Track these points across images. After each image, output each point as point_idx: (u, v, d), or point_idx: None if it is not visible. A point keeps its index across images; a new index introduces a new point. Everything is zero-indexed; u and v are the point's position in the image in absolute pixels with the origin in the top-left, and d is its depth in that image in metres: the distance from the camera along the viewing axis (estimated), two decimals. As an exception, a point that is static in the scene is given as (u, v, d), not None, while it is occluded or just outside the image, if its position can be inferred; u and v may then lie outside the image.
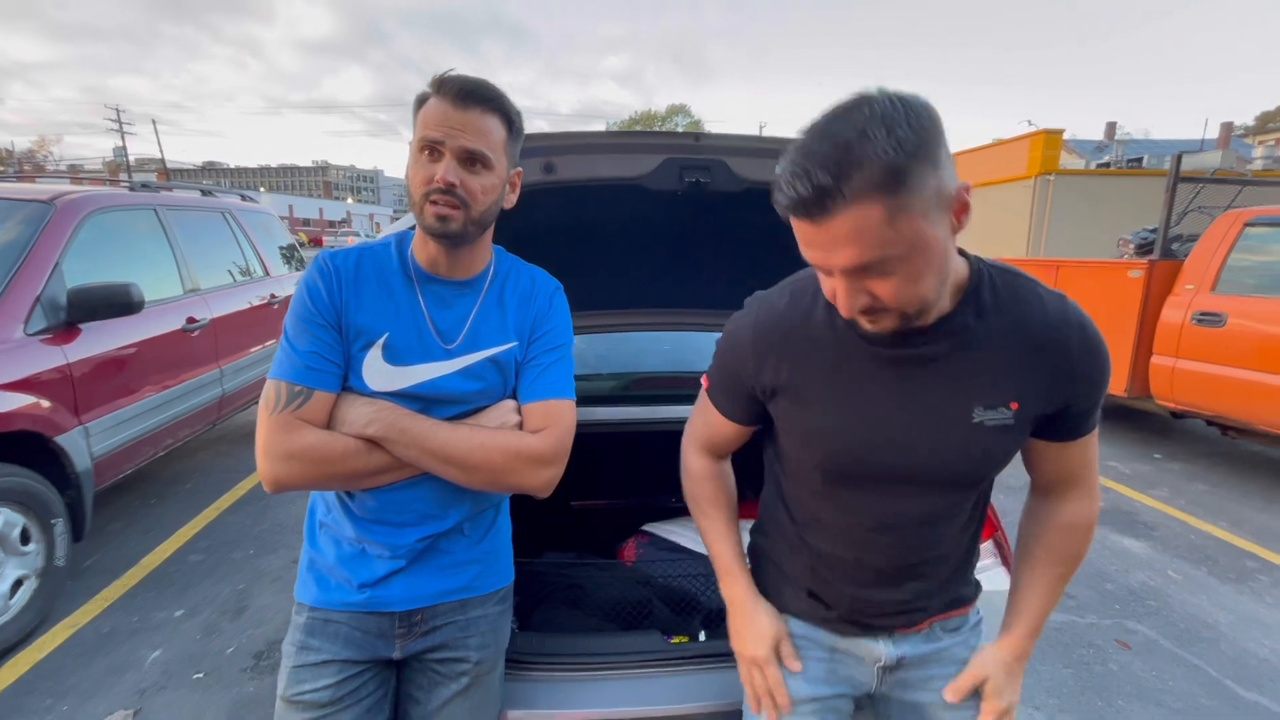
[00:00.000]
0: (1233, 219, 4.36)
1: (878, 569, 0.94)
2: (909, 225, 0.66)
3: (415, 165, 0.96)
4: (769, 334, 0.92)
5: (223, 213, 4.45)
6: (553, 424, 1.06)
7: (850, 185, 0.63)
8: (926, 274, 0.70)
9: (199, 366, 3.60)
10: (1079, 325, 0.83)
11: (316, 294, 1.00)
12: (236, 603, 2.72)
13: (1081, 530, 0.96)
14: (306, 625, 1.06)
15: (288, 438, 0.93)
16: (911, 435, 0.85)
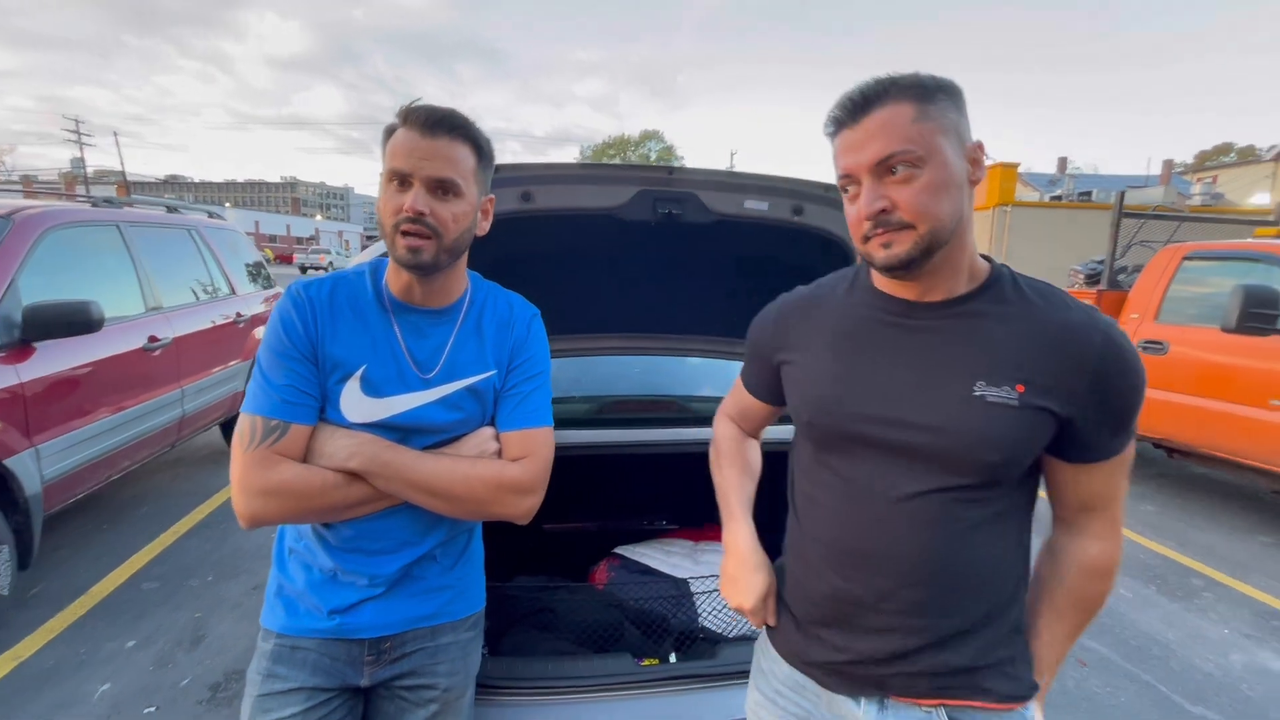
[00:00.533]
0: (1172, 253, 4.63)
1: (878, 566, 0.85)
2: (932, 133, 0.76)
3: (385, 196, 0.96)
4: (792, 308, 1.01)
5: (188, 230, 4.37)
6: (533, 453, 1.06)
7: (888, 93, 0.77)
8: (941, 194, 0.77)
9: (159, 386, 3.50)
10: (1105, 330, 0.79)
11: (291, 326, 0.99)
12: (193, 632, 2.63)
13: (1100, 574, 0.87)
14: (274, 652, 1.04)
15: (264, 473, 0.93)
16: (906, 397, 0.83)
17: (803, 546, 0.95)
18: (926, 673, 0.85)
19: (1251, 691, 2.47)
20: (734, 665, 1.34)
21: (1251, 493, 4.75)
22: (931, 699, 0.85)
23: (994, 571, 0.85)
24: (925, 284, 0.84)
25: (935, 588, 0.83)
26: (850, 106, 0.79)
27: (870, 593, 0.86)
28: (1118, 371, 0.78)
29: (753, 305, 1.89)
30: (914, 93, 0.76)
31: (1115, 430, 0.81)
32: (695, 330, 2.00)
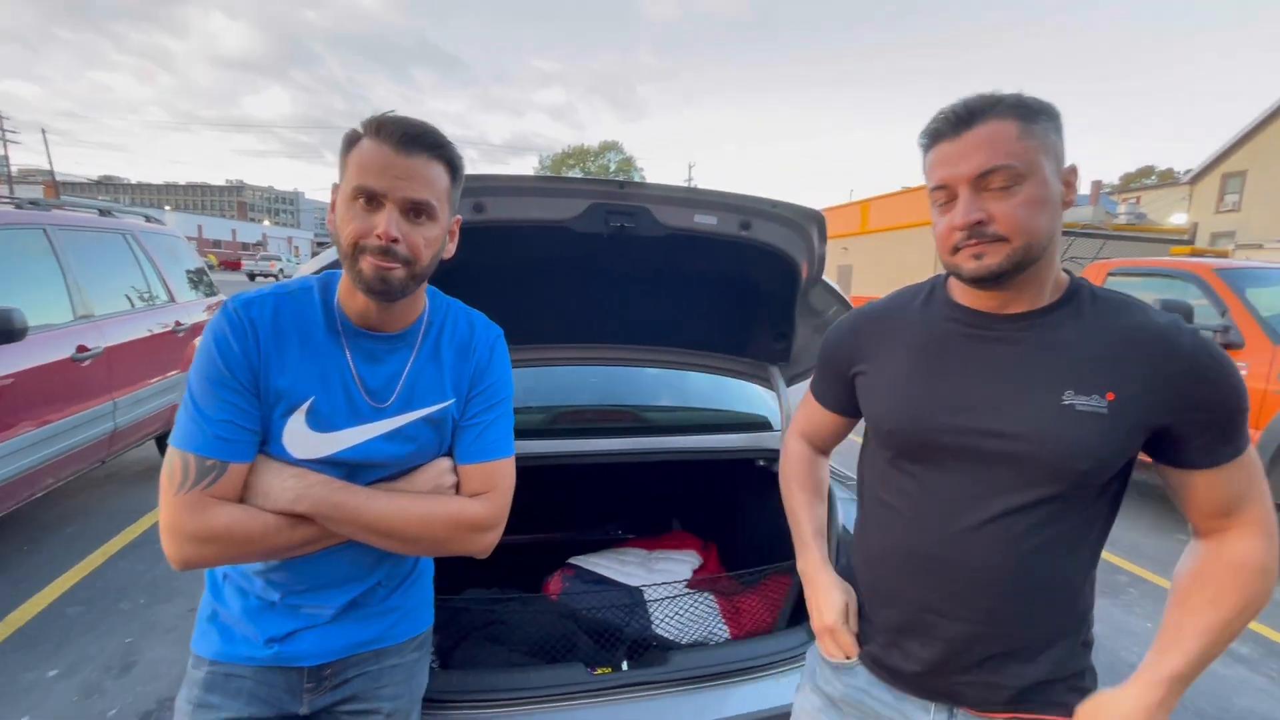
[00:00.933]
0: (1098, 269, 4.94)
1: (959, 576, 0.85)
2: (1034, 150, 0.78)
3: (348, 213, 0.87)
4: (869, 318, 1.01)
5: (123, 234, 4.17)
6: (494, 486, 1.01)
7: (993, 108, 0.79)
8: (1038, 210, 0.78)
9: (89, 399, 3.32)
10: (1192, 333, 0.80)
11: (229, 352, 0.89)
12: (123, 658, 2.48)
13: (1250, 570, 0.81)
14: (205, 680, 0.98)
15: (198, 518, 0.85)
16: (994, 407, 0.83)
17: (879, 553, 0.95)
18: (1002, 685, 0.85)
19: (1171, 681, 2.63)
20: (686, 671, 1.37)
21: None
22: (1004, 713, 0.86)
23: (1071, 584, 0.85)
24: (1008, 296, 0.85)
25: (1016, 599, 0.84)
26: (954, 119, 0.81)
27: (950, 602, 0.86)
28: (1210, 375, 0.78)
29: (704, 316, 1.95)
30: (1019, 111, 0.79)
31: (1222, 434, 0.80)
32: (649, 341, 2.03)
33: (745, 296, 1.82)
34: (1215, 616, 0.80)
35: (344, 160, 0.89)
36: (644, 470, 2.14)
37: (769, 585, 1.92)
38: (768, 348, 2.01)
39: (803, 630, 1.54)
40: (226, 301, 0.94)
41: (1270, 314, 3.84)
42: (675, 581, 1.87)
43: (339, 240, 0.89)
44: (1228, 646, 0.83)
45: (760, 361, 2.10)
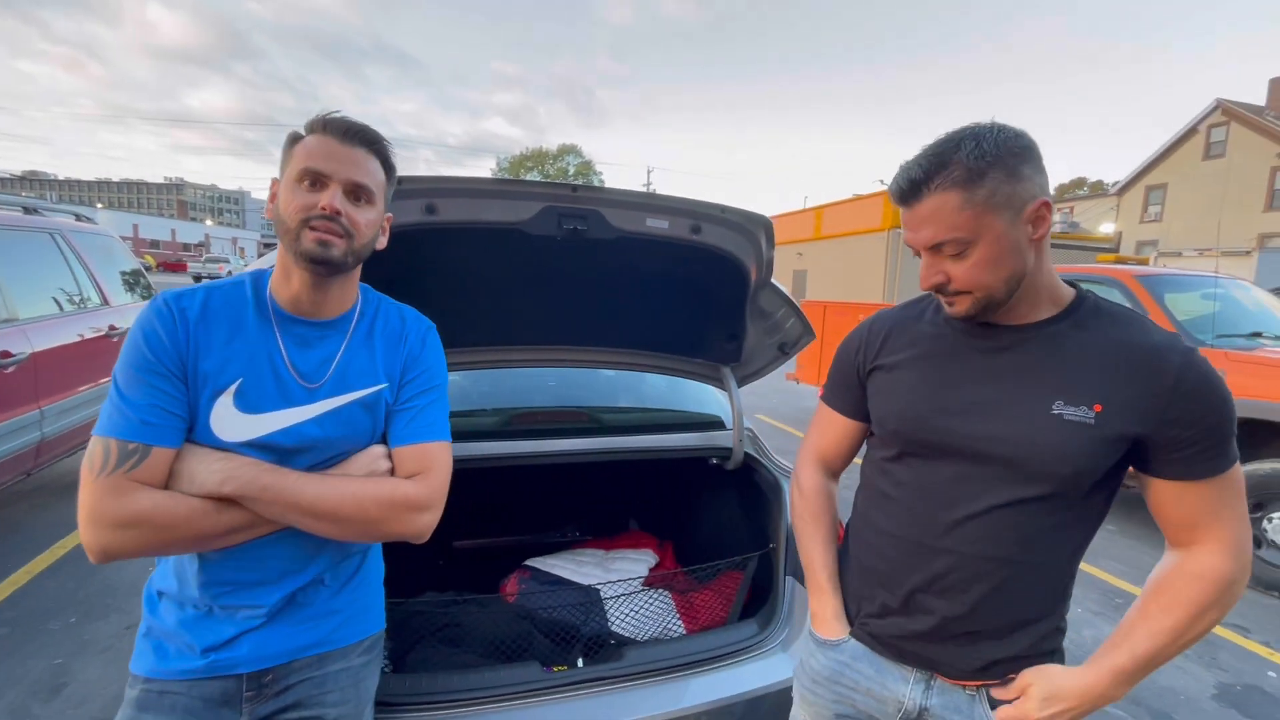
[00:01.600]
0: (1034, 274, 5.20)
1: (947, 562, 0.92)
2: (979, 215, 0.82)
3: (292, 194, 0.93)
4: (882, 324, 1.06)
5: (51, 233, 3.96)
6: (428, 468, 1.01)
7: (935, 180, 0.83)
8: (992, 265, 0.84)
9: (12, 407, 3.13)
10: (1184, 352, 0.83)
11: (154, 339, 0.91)
12: (51, 680, 2.35)
13: (1207, 582, 0.84)
14: (139, 699, 0.95)
15: (119, 502, 0.84)
16: (985, 413, 0.89)
17: (877, 540, 1.02)
18: (976, 658, 0.92)
19: (1100, 661, 2.80)
20: (640, 666, 1.39)
21: (1102, 486, 5.36)
22: (974, 680, 0.94)
23: (1052, 574, 0.92)
24: (1004, 315, 0.91)
25: (1000, 586, 0.90)
26: (901, 192, 0.87)
27: (939, 585, 0.93)
28: (1197, 393, 0.82)
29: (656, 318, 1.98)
30: (960, 179, 0.82)
31: (1201, 451, 0.83)
32: (604, 342, 2.06)
33: (697, 299, 1.87)
34: (1166, 622, 0.85)
35: (288, 154, 0.96)
36: (600, 471, 2.16)
37: (723, 580, 1.97)
38: (720, 348, 2.06)
39: (754, 623, 1.58)
40: (156, 296, 0.97)
41: (1185, 318, 4.13)
42: (631, 579, 1.90)
43: (282, 219, 0.94)
44: (1181, 651, 0.87)
45: (712, 362, 2.15)
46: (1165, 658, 0.86)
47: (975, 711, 0.94)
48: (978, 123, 0.85)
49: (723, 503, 2.22)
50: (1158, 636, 0.85)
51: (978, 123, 0.85)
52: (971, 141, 0.82)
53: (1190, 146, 24.47)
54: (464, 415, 2.10)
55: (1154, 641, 0.85)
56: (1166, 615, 0.85)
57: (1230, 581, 0.85)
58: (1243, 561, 0.85)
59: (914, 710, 0.97)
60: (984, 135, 0.82)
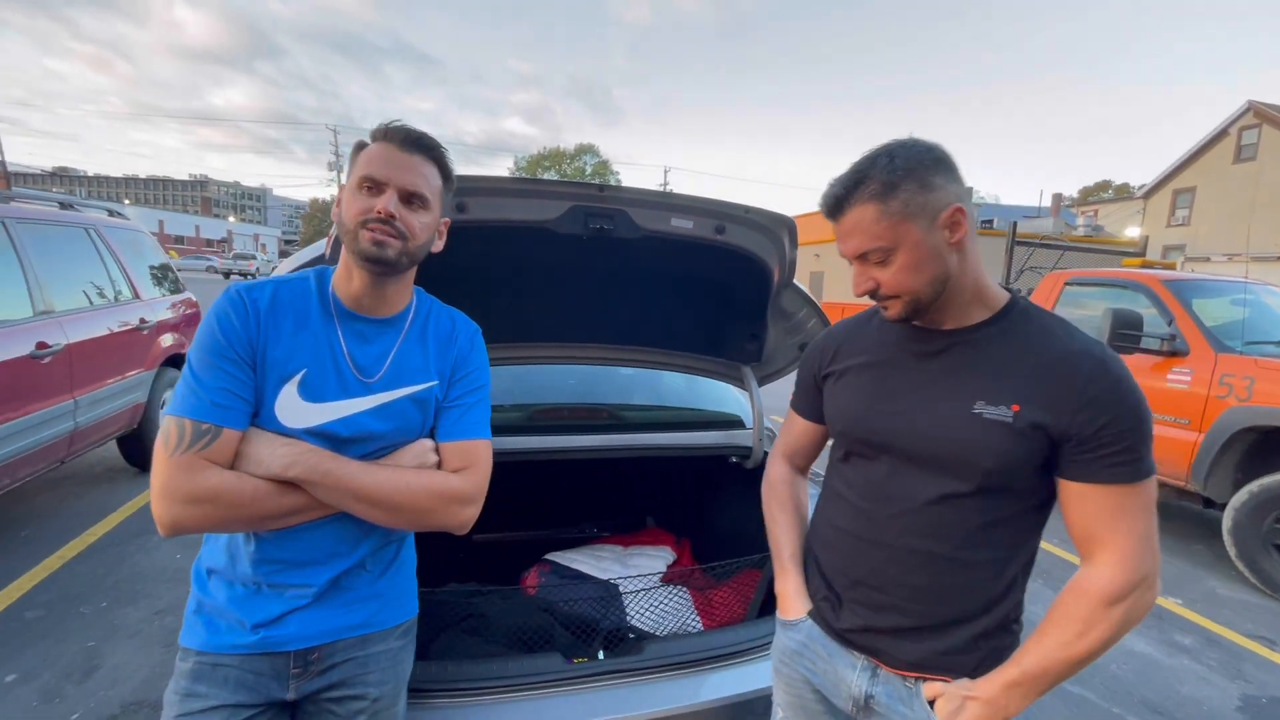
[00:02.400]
0: (1056, 278, 5.14)
1: (888, 556, 0.97)
2: (896, 224, 0.89)
3: (352, 199, 0.99)
4: (837, 334, 1.15)
5: (86, 229, 4.07)
6: (473, 464, 1.07)
7: (854, 195, 0.91)
8: (915, 269, 0.90)
9: (48, 397, 3.23)
10: (1098, 359, 0.87)
11: (229, 327, 0.97)
12: (84, 663, 2.42)
13: (1089, 597, 0.86)
14: (193, 671, 1.00)
15: (191, 479, 0.89)
16: (916, 412, 0.96)
17: (830, 534, 1.09)
18: (914, 651, 0.97)
19: (1120, 671, 2.77)
20: (660, 660, 1.41)
21: (1124, 494, 5.29)
22: (911, 671, 0.98)
23: (989, 571, 0.94)
24: (936, 318, 0.97)
25: (934, 579, 0.95)
26: (827, 209, 0.95)
27: (879, 578, 0.99)
28: (1105, 397, 0.85)
29: (679, 317, 2.00)
30: (876, 192, 0.89)
31: (1109, 456, 0.85)
32: (626, 340, 2.08)
33: (719, 298, 1.88)
34: (1054, 637, 0.88)
35: (353, 161, 1.03)
36: (619, 468, 2.18)
37: (741, 579, 1.98)
38: (741, 348, 2.07)
39: (773, 620, 1.59)
40: (229, 287, 1.02)
41: (1214, 324, 4.05)
42: (649, 574, 1.91)
43: (343, 221, 1.00)
44: (1077, 667, 0.88)
45: (733, 361, 2.16)
46: (1060, 672, 0.88)
47: (915, 704, 0.97)
48: (896, 140, 0.92)
49: (741, 501, 2.23)
50: (1047, 651, 0.88)
51: (896, 140, 0.92)
52: (885, 158, 0.89)
53: (1220, 149, 23.94)
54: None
55: (1042, 655, 0.88)
56: (1055, 630, 0.88)
57: (1115, 596, 0.85)
58: (1133, 576, 0.85)
59: (861, 698, 1.02)
60: (897, 151, 0.89)
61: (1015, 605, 0.97)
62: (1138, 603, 0.86)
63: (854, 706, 1.04)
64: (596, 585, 1.87)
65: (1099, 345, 0.90)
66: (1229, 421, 3.62)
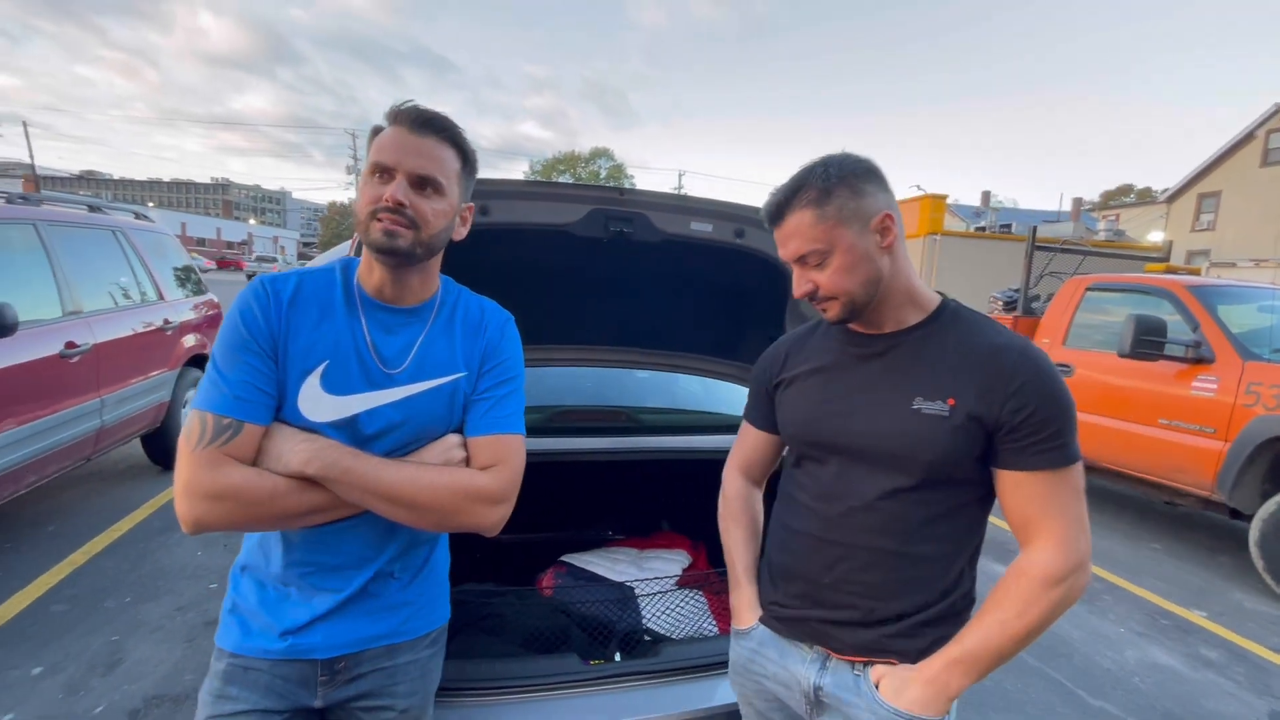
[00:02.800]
0: (1077, 284, 5.07)
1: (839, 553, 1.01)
2: (831, 229, 0.95)
3: (365, 187, 0.95)
4: (783, 345, 1.20)
5: (113, 231, 4.16)
6: (503, 460, 1.01)
7: (793, 202, 0.97)
8: (850, 271, 0.96)
9: (76, 395, 3.30)
10: (1021, 350, 0.93)
11: (252, 320, 0.94)
12: (108, 656, 2.47)
13: (1029, 578, 0.91)
14: (225, 672, 1.00)
15: (213, 475, 0.87)
16: (859, 413, 1.01)
17: (783, 534, 1.12)
18: (864, 636, 1.00)
19: (1143, 684, 2.71)
20: (677, 662, 1.41)
21: (1146, 503, 5.20)
22: (862, 658, 1.01)
23: (937, 563, 0.98)
24: (874, 321, 1.03)
25: (885, 574, 0.98)
26: (768, 216, 1.01)
27: (831, 574, 1.02)
28: (1032, 388, 0.90)
29: (697, 320, 2.00)
30: (811, 199, 0.96)
31: (1039, 443, 0.90)
32: (645, 343, 2.08)
33: (737, 302, 1.88)
34: (997, 615, 0.92)
35: (368, 148, 0.98)
36: (635, 470, 2.18)
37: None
38: (758, 352, 2.06)
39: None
40: (254, 279, 1.00)
41: (1240, 330, 3.97)
42: (665, 578, 1.91)
43: (356, 211, 0.97)
44: (1017, 646, 0.92)
45: (750, 365, 2.15)
46: (1000, 652, 0.91)
47: (861, 688, 1.00)
48: (831, 153, 1.00)
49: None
50: (987, 630, 0.92)
51: (831, 153, 1.00)
52: (820, 168, 0.96)
53: (1247, 152, 23.49)
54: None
55: (983, 635, 0.92)
56: (997, 610, 0.92)
57: (1054, 578, 0.90)
58: (1071, 559, 0.90)
59: (811, 690, 1.04)
60: (831, 162, 0.97)
61: (963, 595, 1.01)
62: (1075, 584, 0.91)
63: (806, 703, 1.06)
64: (612, 587, 1.87)
65: (1023, 339, 0.96)
66: (1256, 430, 3.54)
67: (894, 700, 0.95)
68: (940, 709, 0.93)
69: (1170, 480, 4.09)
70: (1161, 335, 4.02)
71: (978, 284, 9.84)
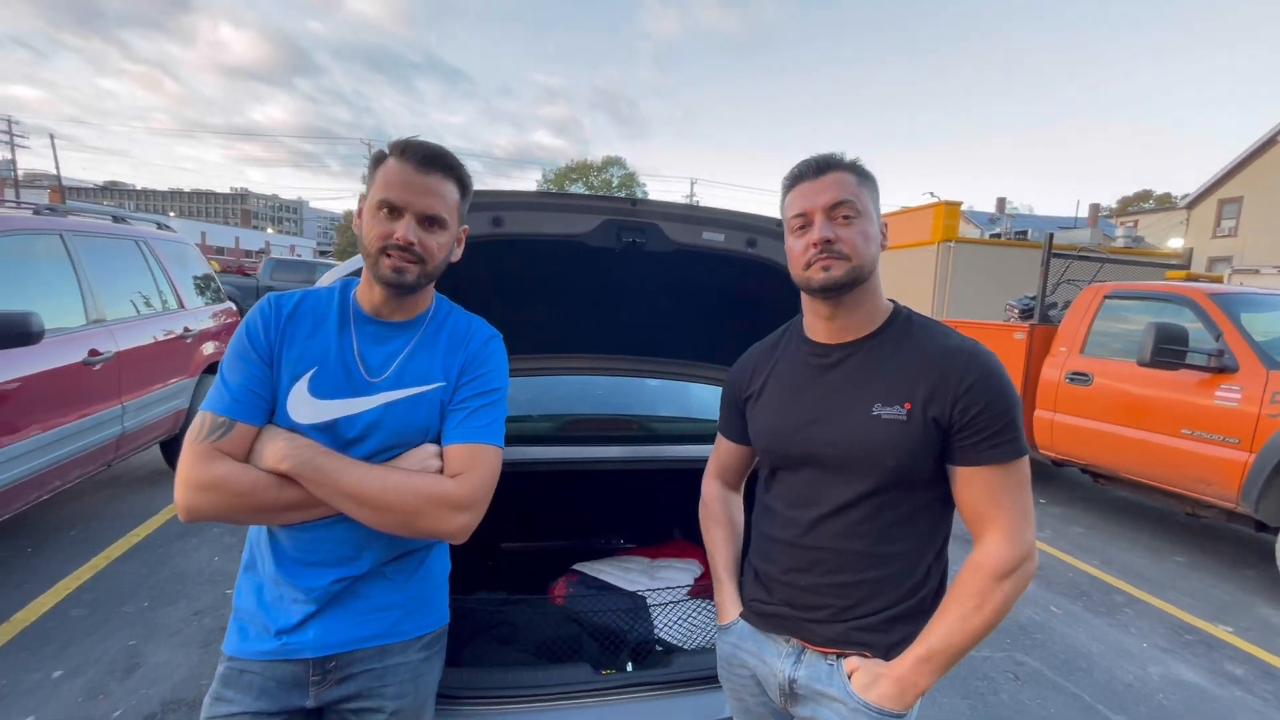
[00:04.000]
0: (1095, 291, 5.00)
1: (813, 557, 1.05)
2: (866, 198, 1.02)
3: (372, 220, 1.01)
4: (754, 356, 1.22)
5: (136, 241, 4.25)
6: (473, 468, 1.03)
7: (840, 163, 1.03)
8: (869, 241, 1.01)
9: (99, 402, 3.36)
10: (970, 353, 0.99)
11: (254, 331, 1.04)
12: (126, 660, 2.50)
13: (983, 572, 0.95)
14: (223, 675, 1.05)
15: (203, 467, 0.95)
16: (824, 421, 1.04)
17: (761, 542, 1.16)
18: (836, 629, 1.04)
19: (1167, 701, 2.65)
20: (689, 673, 1.40)
21: (1168, 515, 5.09)
22: (835, 649, 1.05)
23: (906, 562, 1.03)
24: (841, 323, 1.06)
25: (856, 575, 1.02)
26: (814, 166, 1.04)
27: (806, 577, 1.06)
28: (978, 385, 0.96)
29: (709, 329, 2.00)
30: (855, 170, 1.03)
31: (988, 439, 0.96)
32: (657, 352, 2.08)
33: (749, 311, 1.88)
34: (955, 611, 0.96)
35: (371, 175, 1.04)
36: (647, 479, 2.18)
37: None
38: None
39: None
40: (264, 296, 1.09)
41: (1264, 339, 3.89)
42: (677, 587, 1.90)
43: (364, 242, 1.03)
44: (978, 638, 0.96)
45: (762, 375, 2.14)
46: (963, 645, 0.96)
47: (835, 679, 1.03)
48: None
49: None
50: (949, 626, 0.96)
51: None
52: (852, 159, 1.04)
53: (1270, 157, 23.10)
54: (516, 420, 2.15)
55: (945, 630, 0.96)
56: (956, 606, 0.96)
57: (1006, 570, 0.95)
58: (1019, 550, 0.96)
59: (785, 682, 1.08)
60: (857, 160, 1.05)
61: (932, 591, 1.04)
62: (1024, 572, 0.96)
63: (781, 695, 1.09)
64: (624, 597, 1.87)
65: (972, 341, 1.01)
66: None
67: (865, 694, 0.99)
68: (908, 704, 0.98)
69: (1193, 492, 4.01)
70: (1183, 344, 3.95)
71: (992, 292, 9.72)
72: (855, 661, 1.02)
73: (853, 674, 1.01)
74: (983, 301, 9.65)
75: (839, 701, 1.01)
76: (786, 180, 1.08)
